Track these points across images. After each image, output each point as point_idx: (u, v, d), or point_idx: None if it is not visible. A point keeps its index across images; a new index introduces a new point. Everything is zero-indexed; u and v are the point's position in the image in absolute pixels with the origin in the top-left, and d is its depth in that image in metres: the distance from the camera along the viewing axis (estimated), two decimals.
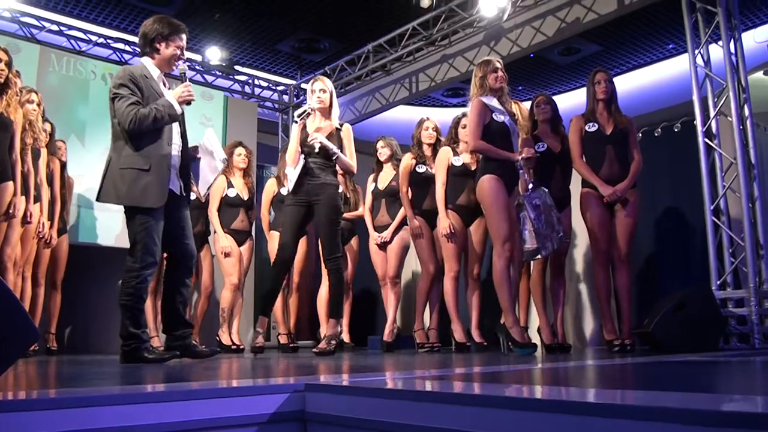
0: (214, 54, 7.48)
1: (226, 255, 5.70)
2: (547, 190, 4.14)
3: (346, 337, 5.91)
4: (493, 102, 4.18)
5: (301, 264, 6.03)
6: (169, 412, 1.61)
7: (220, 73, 7.85)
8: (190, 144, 3.87)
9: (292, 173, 4.40)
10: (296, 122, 4.43)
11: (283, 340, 5.93)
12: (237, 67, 7.97)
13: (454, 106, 9.07)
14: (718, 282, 4.62)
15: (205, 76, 7.81)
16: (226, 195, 5.79)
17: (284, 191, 5.83)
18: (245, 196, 5.90)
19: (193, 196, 5.78)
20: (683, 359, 3.10)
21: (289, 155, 4.47)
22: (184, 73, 3.71)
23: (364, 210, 5.79)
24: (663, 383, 1.96)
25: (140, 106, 3.45)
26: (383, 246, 5.61)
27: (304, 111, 4.42)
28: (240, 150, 5.96)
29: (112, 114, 3.52)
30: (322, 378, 2.09)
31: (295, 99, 8.64)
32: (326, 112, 4.53)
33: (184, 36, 3.68)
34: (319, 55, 8.05)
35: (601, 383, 1.97)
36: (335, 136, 4.49)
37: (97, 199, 3.51)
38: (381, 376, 2.21)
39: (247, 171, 6.00)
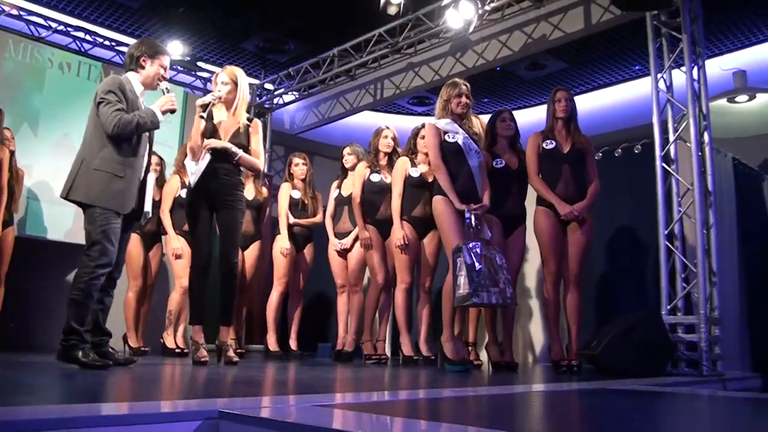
0: (176, 49, 7.29)
1: (177, 257, 5.53)
2: (500, 252, 4.05)
3: (293, 344, 5.77)
4: (448, 124, 4.22)
5: (252, 268, 5.87)
6: None
7: (182, 69, 7.65)
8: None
9: (194, 167, 4.14)
10: (202, 116, 4.13)
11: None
12: (199, 64, 7.77)
13: (420, 114, 8.97)
14: (669, 307, 4.55)
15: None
16: (179, 196, 5.60)
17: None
18: None
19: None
20: (626, 388, 3.00)
21: (191, 149, 4.16)
22: (167, 89, 3.77)
23: (324, 216, 5.65)
24: (591, 423, 1.84)
25: (124, 112, 3.53)
26: (343, 253, 5.50)
27: (207, 103, 4.13)
28: None
29: (91, 115, 3.59)
30: (240, 402, 1.93)
31: (257, 99, 8.46)
32: (230, 106, 4.23)
33: (167, 57, 3.82)
34: (284, 56, 7.90)
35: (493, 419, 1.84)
36: (242, 132, 4.23)
37: (63, 196, 3.53)
38: (305, 402, 2.06)
39: None
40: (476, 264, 3.88)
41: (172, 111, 3.70)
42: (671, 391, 2.96)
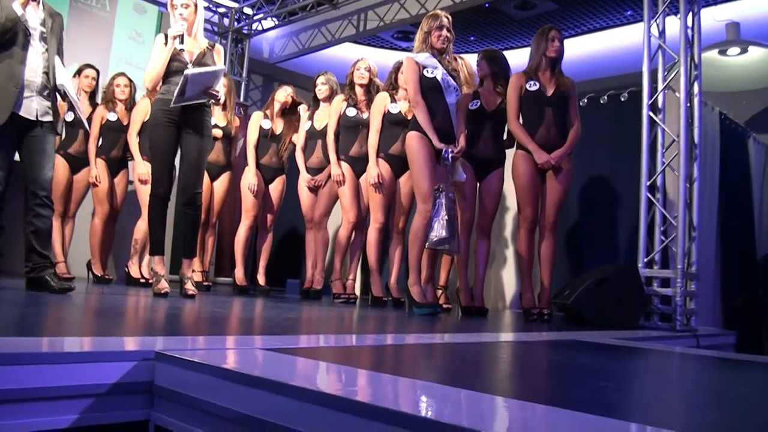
0: None
1: (144, 182, 5.33)
2: (452, 195, 3.97)
3: (261, 279, 5.65)
4: (427, 59, 4.07)
5: (221, 200, 5.70)
6: None
7: None
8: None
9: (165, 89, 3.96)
10: (182, 49, 3.92)
11: (197, 277, 5.60)
12: None
13: (403, 50, 8.69)
14: (646, 260, 4.48)
15: None
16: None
17: None
18: None
19: (113, 118, 5.45)
20: (596, 341, 2.92)
21: (153, 75, 3.95)
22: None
23: (297, 151, 5.47)
24: (556, 381, 1.73)
25: None
26: (314, 189, 5.36)
27: (181, 34, 3.92)
28: None
29: None
30: (180, 342, 1.79)
31: (236, 23, 8.15)
32: (191, 29, 4.04)
33: None
34: None
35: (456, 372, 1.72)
36: (209, 55, 4.07)
37: None
38: (248, 345, 1.92)
39: None
40: (451, 209, 3.82)
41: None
42: (643, 347, 2.88)
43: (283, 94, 5.63)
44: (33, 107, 3.49)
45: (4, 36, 3.39)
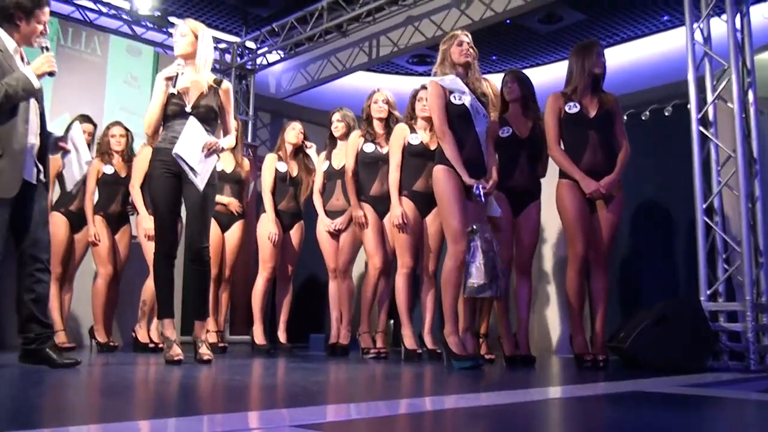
0: (144, 2, 7.02)
1: (149, 238, 5.31)
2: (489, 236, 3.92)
3: (282, 336, 5.60)
4: (453, 81, 4.03)
5: (235, 251, 5.70)
6: None
7: (151, 25, 7.37)
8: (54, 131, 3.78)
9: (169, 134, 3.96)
10: (173, 93, 3.96)
11: (211, 338, 5.56)
12: (171, 19, 7.49)
13: (420, 74, 8.71)
14: (708, 292, 4.36)
15: (133, 27, 7.31)
16: None
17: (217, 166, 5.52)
18: None
19: (110, 170, 5.48)
20: (661, 391, 2.81)
21: (149, 120, 3.99)
22: (46, 47, 3.53)
23: (314, 193, 5.46)
24: None
25: None
26: (335, 234, 5.34)
27: (174, 75, 3.96)
28: None
29: None
30: (192, 424, 1.73)
31: (238, 59, 8.22)
32: (192, 62, 4.05)
33: (47, 9, 3.56)
34: (267, 10, 7.64)
35: None
36: (211, 95, 4.05)
37: None
38: (273, 422, 1.85)
39: None
40: (489, 251, 3.77)
41: (51, 74, 3.47)
42: (715, 395, 2.77)
43: (293, 134, 5.64)
44: (33, 169, 3.52)
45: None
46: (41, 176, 3.56)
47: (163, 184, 3.95)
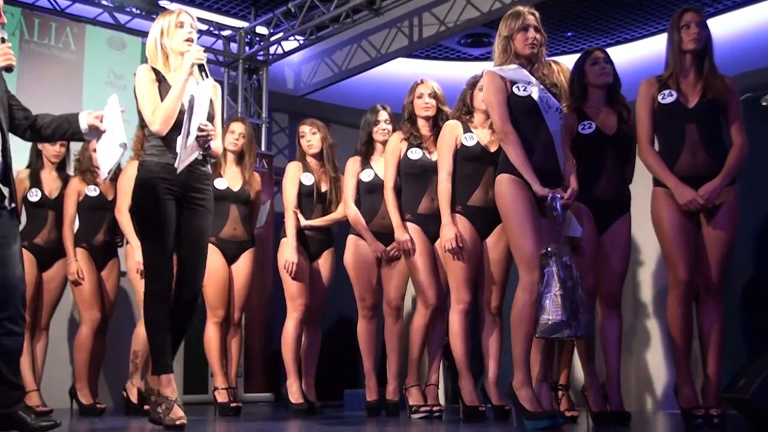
0: None
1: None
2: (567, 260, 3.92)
3: (310, 392, 5.63)
4: (516, 71, 4.07)
5: (244, 288, 5.77)
6: None
7: (139, 12, 7.55)
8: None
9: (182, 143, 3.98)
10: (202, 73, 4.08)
11: (220, 397, 5.65)
12: (163, 3, 7.67)
13: (477, 59, 8.77)
14: None
15: (116, 15, 7.50)
16: None
17: (219, 183, 5.62)
18: None
19: (94, 192, 5.60)
20: None
21: (168, 115, 4.03)
22: (1, 38, 3.59)
23: (346, 208, 5.49)
24: None
25: None
26: (374, 262, 5.41)
27: (202, 62, 4.08)
28: None
29: None
30: None
31: (247, 48, 8.36)
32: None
33: None
34: None
35: None
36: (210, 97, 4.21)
37: None
38: None
39: None
40: (567, 280, 3.76)
41: (8, 69, 3.55)
42: None
43: (309, 140, 5.68)
44: None
45: None
46: (5, 202, 3.61)
47: (163, 209, 4.03)
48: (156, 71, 4.12)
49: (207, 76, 4.05)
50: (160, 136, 4.06)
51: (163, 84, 4.07)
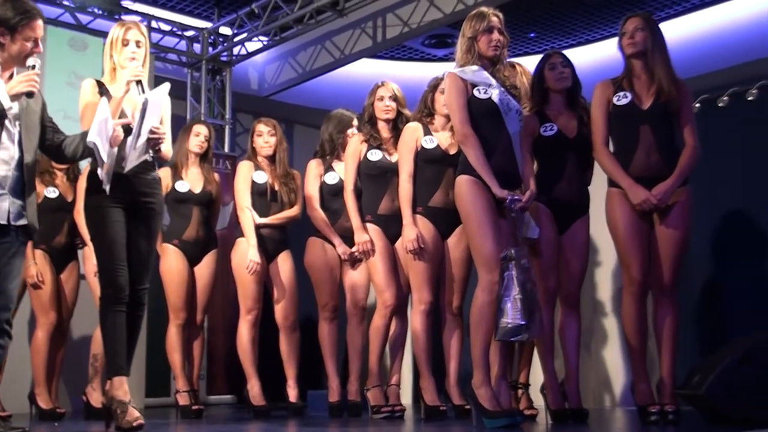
0: None
1: None
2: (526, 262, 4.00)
3: (292, 393, 5.67)
4: (477, 73, 4.13)
5: (207, 289, 5.81)
6: None
7: (101, 12, 7.55)
8: None
9: (105, 150, 3.99)
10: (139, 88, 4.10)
11: (182, 400, 5.66)
12: (125, 3, 7.67)
13: (440, 59, 8.83)
14: None
15: (78, 15, 7.49)
16: None
17: (181, 186, 5.70)
18: None
19: (53, 193, 5.61)
20: None
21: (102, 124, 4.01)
22: (32, 66, 3.72)
23: (311, 210, 5.53)
24: None
25: None
26: (336, 264, 5.46)
27: (139, 78, 4.12)
28: None
29: None
30: None
31: (211, 49, 8.37)
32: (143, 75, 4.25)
33: (39, 23, 3.72)
34: None
35: None
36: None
37: None
38: None
39: None
40: (526, 282, 3.83)
41: (29, 94, 3.68)
42: None
43: (267, 141, 5.71)
44: (4, 208, 3.68)
45: None
46: (17, 220, 3.72)
47: (113, 215, 4.09)
48: (101, 84, 4.19)
49: (144, 92, 4.07)
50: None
51: (105, 97, 4.09)
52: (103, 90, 4.15)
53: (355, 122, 5.52)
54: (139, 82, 4.10)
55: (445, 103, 4.40)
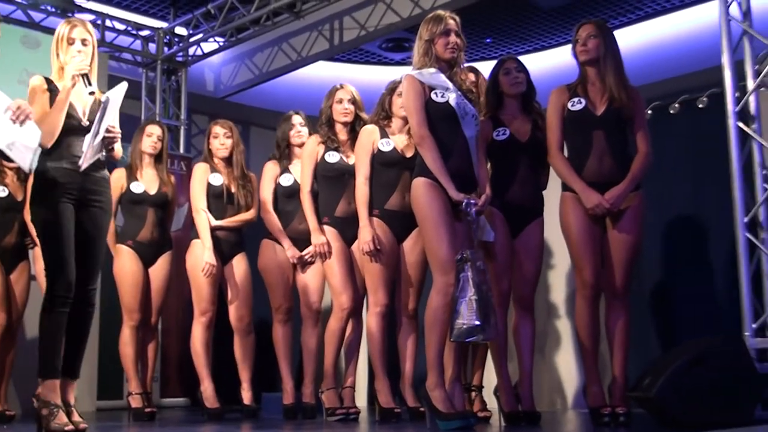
0: None
1: None
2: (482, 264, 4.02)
3: (246, 396, 5.66)
4: (434, 76, 4.15)
5: (162, 291, 5.78)
6: None
7: (54, 10, 7.47)
8: None
9: (87, 142, 4.05)
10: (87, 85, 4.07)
11: (134, 402, 5.63)
12: (79, 1, 7.59)
13: (397, 63, 8.84)
14: (754, 326, 4.50)
15: (31, 12, 7.41)
16: None
17: (136, 187, 5.67)
18: None
19: (3, 192, 5.56)
20: None
21: (53, 128, 4.03)
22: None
23: (264, 212, 5.56)
24: None
25: None
26: (289, 267, 5.48)
27: (84, 72, 4.07)
28: None
29: None
30: None
31: (166, 49, 8.31)
32: (90, 70, 4.17)
33: None
34: None
35: None
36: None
37: None
38: None
39: None
40: (482, 284, 3.85)
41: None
42: None
43: (224, 143, 5.70)
44: None
45: None
46: None
47: (63, 212, 4.06)
48: (49, 81, 4.14)
49: (90, 84, 4.05)
50: (60, 144, 4.08)
51: (54, 94, 4.07)
52: (51, 87, 4.10)
53: (294, 119, 5.55)
54: (84, 76, 4.05)
55: (403, 105, 4.41)
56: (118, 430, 4.79)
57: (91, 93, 4.09)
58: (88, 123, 4.10)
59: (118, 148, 4.24)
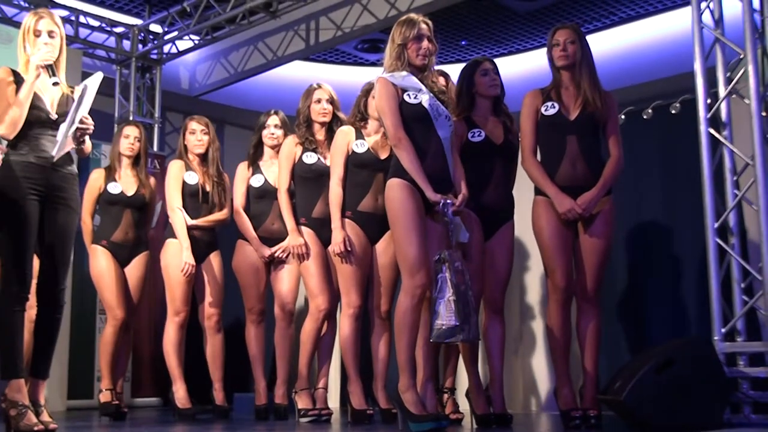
0: None
1: None
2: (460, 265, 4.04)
3: (219, 396, 5.66)
4: (406, 78, 4.17)
5: (138, 291, 5.77)
6: None
7: (27, 5, 7.42)
8: None
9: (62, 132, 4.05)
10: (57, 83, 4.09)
11: (104, 398, 5.61)
12: None
13: (373, 64, 8.87)
14: (724, 330, 4.53)
15: (3, 7, 7.35)
16: None
17: (113, 187, 5.64)
18: None
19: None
20: None
21: (16, 118, 3.99)
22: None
23: (236, 214, 5.58)
24: None
25: None
26: (262, 267, 5.51)
27: (48, 63, 4.07)
28: None
29: None
30: None
31: (140, 46, 8.28)
32: (58, 64, 4.19)
33: None
34: None
35: None
36: (71, 103, 4.17)
37: None
38: None
39: None
40: (460, 285, 3.87)
41: None
42: None
43: (201, 139, 5.70)
44: None
45: None
46: None
47: (27, 207, 4.04)
48: (15, 73, 4.10)
49: (54, 75, 4.04)
50: (26, 137, 4.06)
51: (20, 86, 4.03)
52: (18, 79, 4.06)
53: (271, 120, 5.55)
54: (48, 67, 4.04)
55: (377, 107, 4.39)
56: (89, 430, 4.75)
57: (55, 84, 4.06)
58: (56, 116, 4.08)
59: (88, 143, 4.21)
